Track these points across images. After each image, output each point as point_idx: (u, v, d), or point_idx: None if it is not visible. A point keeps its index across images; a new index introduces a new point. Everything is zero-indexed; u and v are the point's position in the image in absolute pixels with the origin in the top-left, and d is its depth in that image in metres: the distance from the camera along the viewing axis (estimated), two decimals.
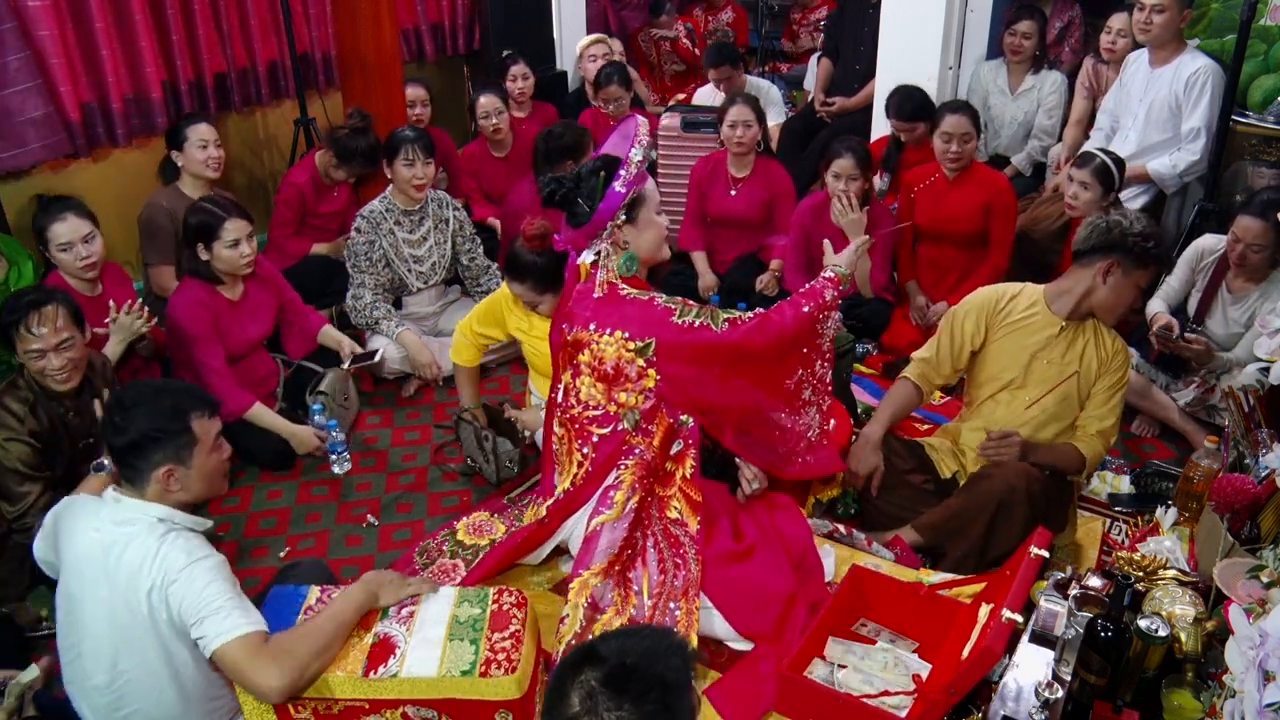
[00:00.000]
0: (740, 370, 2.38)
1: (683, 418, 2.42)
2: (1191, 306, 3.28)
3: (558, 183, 2.36)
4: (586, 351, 2.36)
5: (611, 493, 2.36)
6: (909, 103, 4.14)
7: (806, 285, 2.49)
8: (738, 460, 2.57)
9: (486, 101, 4.47)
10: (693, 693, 1.33)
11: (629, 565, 2.35)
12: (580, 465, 2.42)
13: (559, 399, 2.48)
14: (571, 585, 2.32)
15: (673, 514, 2.39)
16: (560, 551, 2.63)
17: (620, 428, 2.37)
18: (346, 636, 1.97)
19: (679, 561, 2.34)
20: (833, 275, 2.50)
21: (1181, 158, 3.79)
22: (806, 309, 2.40)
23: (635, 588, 2.33)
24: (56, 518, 2.02)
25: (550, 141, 3.89)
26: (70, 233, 2.97)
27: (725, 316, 2.35)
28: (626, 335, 2.31)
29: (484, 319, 3.11)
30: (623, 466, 2.37)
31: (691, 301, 2.38)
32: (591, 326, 2.36)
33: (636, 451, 2.37)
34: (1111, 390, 2.65)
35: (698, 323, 2.32)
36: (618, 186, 2.29)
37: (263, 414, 3.17)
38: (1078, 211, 3.45)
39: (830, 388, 2.57)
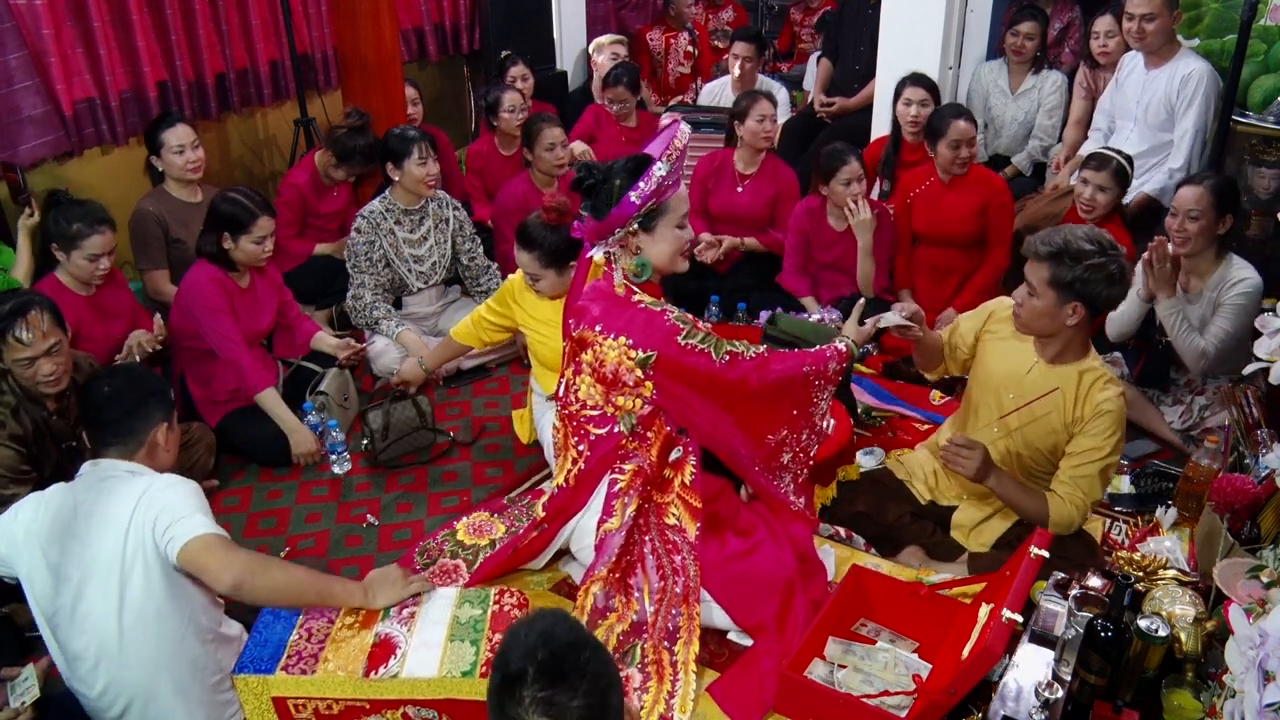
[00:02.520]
0: (730, 407, 2.34)
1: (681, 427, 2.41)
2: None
3: (588, 170, 2.31)
4: (589, 351, 2.35)
5: (614, 501, 2.35)
6: (921, 78, 4.14)
7: (818, 349, 2.40)
8: None
9: (511, 98, 4.50)
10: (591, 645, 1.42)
11: (629, 571, 2.35)
12: (575, 462, 2.41)
13: (560, 393, 2.48)
14: (579, 591, 2.34)
15: (670, 520, 2.39)
16: (563, 552, 2.63)
17: (617, 429, 2.36)
18: (313, 599, 2.04)
19: (677, 568, 2.34)
20: (843, 347, 2.40)
21: (1172, 165, 3.79)
22: (806, 369, 2.33)
23: (636, 594, 2.34)
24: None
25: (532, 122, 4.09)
26: (103, 246, 2.99)
27: (727, 349, 2.29)
28: (630, 343, 2.29)
29: (496, 301, 3.13)
30: (620, 472, 2.36)
31: (701, 324, 2.34)
32: (597, 328, 2.33)
33: (634, 458, 2.36)
34: (1085, 457, 2.43)
35: (700, 348, 2.27)
36: (633, 197, 2.22)
37: (273, 400, 3.18)
38: (1095, 215, 3.42)
39: (811, 463, 2.49)
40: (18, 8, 3.43)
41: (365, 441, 3.23)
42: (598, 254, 2.39)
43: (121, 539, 1.91)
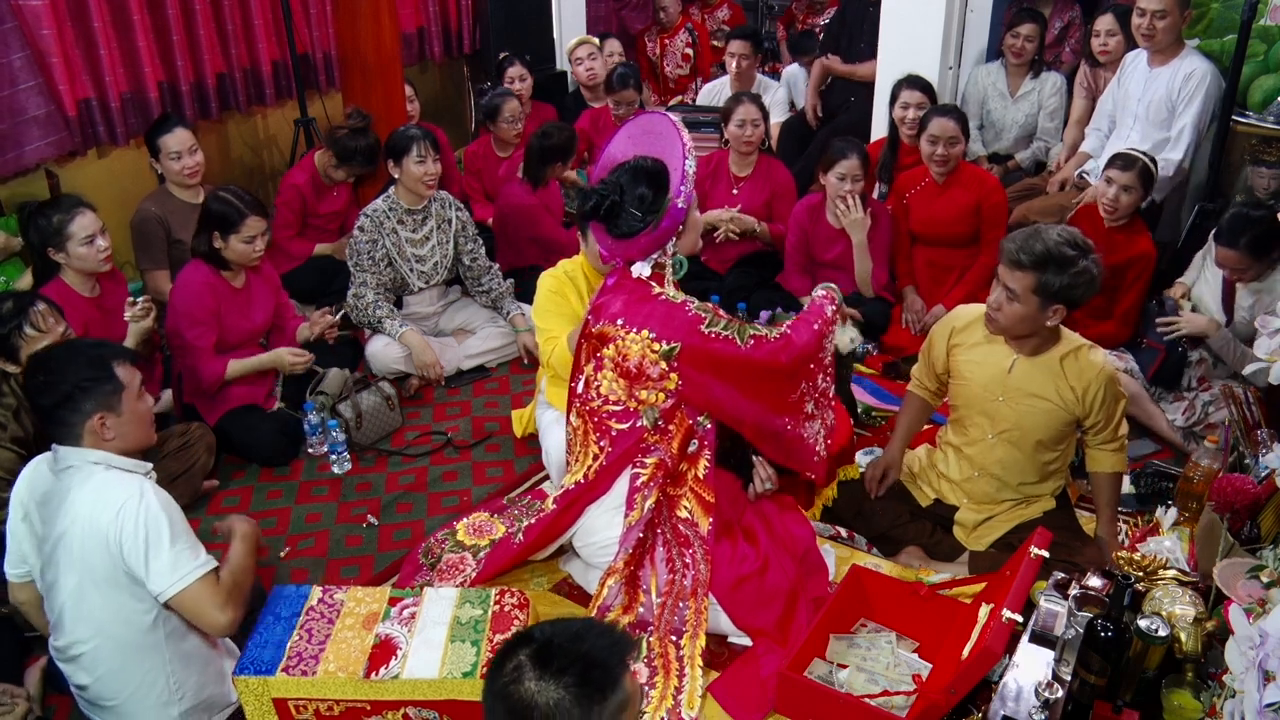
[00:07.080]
0: (757, 385, 2.35)
1: (700, 419, 2.41)
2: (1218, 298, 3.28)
3: (601, 194, 2.28)
4: (611, 346, 2.36)
5: (635, 495, 2.35)
6: (918, 81, 4.14)
7: (810, 302, 2.49)
8: (754, 460, 2.56)
9: (511, 107, 4.52)
10: (624, 671, 1.41)
11: (639, 564, 2.36)
12: (596, 459, 2.41)
13: (579, 389, 2.48)
14: (599, 585, 2.35)
15: (683, 513, 2.39)
16: (561, 551, 2.64)
17: (639, 424, 2.37)
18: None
19: (688, 562, 2.34)
20: (825, 293, 2.52)
21: (1169, 158, 3.80)
22: (817, 327, 2.40)
23: (644, 586, 2.34)
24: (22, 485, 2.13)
25: (543, 141, 4.02)
26: (92, 225, 2.98)
27: (751, 332, 2.31)
28: (653, 336, 2.29)
29: (552, 317, 2.91)
30: (642, 466, 2.36)
31: (723, 312, 2.35)
32: (619, 322, 2.34)
33: (656, 452, 2.36)
34: (1111, 422, 2.52)
35: (725, 334, 2.29)
36: (679, 203, 2.27)
37: (239, 364, 3.21)
38: (1117, 216, 3.40)
39: (831, 400, 2.55)
40: (19, 8, 3.43)
41: (343, 434, 3.26)
42: (644, 270, 2.36)
43: (87, 543, 1.93)
